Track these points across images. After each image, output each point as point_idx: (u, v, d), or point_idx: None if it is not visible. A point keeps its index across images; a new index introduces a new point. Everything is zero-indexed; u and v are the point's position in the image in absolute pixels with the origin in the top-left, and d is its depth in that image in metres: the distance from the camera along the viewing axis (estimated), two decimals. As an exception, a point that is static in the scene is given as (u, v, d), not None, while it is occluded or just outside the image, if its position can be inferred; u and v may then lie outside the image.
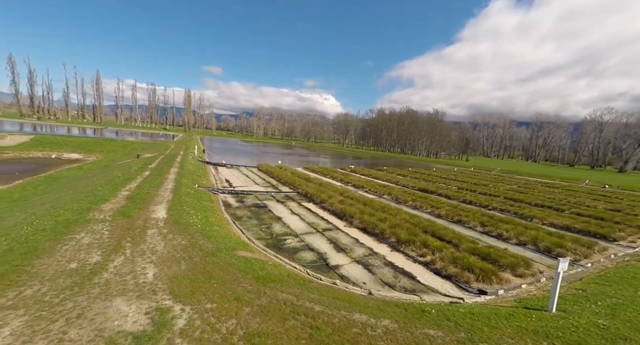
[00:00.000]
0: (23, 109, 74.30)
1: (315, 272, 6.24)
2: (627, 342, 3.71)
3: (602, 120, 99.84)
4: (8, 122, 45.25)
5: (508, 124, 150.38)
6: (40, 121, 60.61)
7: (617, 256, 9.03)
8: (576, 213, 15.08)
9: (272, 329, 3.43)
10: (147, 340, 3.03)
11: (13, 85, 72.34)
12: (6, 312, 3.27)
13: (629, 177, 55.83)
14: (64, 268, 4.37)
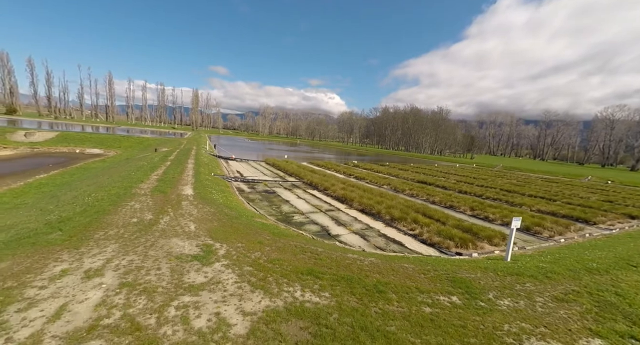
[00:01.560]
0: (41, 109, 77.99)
1: (318, 238, 7.50)
2: (555, 274, 4.85)
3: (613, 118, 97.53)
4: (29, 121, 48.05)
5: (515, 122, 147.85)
6: (57, 120, 63.70)
7: (592, 235, 9.99)
8: (567, 202, 15.89)
9: (286, 258, 4.71)
10: (202, 258, 4.36)
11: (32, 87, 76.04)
12: (103, 241, 4.66)
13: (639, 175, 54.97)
14: (129, 221, 5.77)
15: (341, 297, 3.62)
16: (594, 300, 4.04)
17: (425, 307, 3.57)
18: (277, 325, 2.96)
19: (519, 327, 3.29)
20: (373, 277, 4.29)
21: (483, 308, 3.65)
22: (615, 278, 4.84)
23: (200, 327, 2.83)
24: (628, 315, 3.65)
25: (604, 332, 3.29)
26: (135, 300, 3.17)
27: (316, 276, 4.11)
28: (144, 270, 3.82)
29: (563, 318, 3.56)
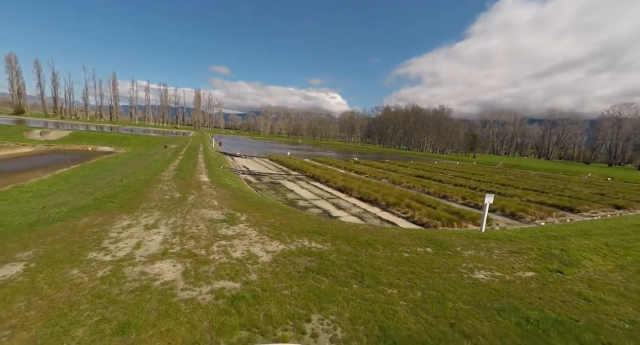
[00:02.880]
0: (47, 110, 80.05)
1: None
2: (517, 239, 5.86)
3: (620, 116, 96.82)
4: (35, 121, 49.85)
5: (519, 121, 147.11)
6: (63, 120, 65.55)
7: (572, 220, 10.91)
8: (557, 194, 16.73)
9: (295, 223, 5.80)
10: (228, 221, 5.46)
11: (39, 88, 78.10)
12: (149, 209, 5.80)
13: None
14: (163, 198, 6.90)
15: (339, 246, 4.69)
16: (541, 253, 5.06)
17: (404, 253, 4.62)
18: (291, 258, 4.05)
19: (474, 265, 4.33)
20: (365, 236, 5.36)
21: (449, 255, 4.70)
22: (567, 242, 5.84)
23: (237, 256, 3.93)
24: (563, 261, 4.67)
25: (539, 268, 4.31)
26: (186, 241, 4.28)
27: (320, 234, 5.19)
28: (187, 226, 4.93)
29: (511, 261, 4.59)
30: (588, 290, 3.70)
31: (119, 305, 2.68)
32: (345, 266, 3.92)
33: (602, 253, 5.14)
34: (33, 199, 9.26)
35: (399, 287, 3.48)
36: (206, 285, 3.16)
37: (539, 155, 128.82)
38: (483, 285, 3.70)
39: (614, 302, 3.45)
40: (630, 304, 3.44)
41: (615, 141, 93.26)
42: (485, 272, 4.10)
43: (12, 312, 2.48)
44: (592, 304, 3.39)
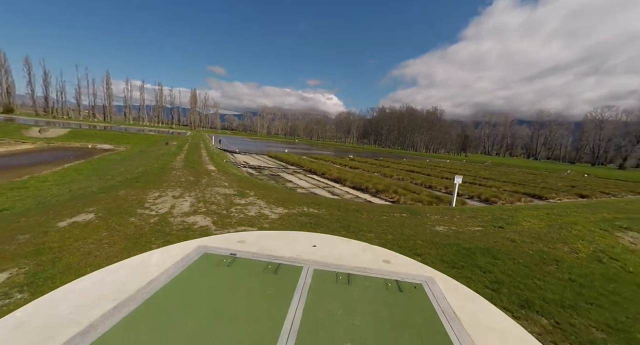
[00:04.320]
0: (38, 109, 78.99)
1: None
2: (478, 210, 7.13)
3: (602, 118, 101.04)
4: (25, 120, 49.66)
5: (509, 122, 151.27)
6: (55, 119, 64.98)
7: (538, 204, 12.33)
8: (532, 186, 18.30)
9: (296, 198, 6.95)
10: (239, 195, 6.56)
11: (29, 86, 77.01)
12: (171, 186, 6.86)
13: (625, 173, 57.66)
14: (180, 180, 7.94)
15: (331, 211, 5.86)
16: (492, 218, 6.33)
17: (383, 216, 5.82)
18: (294, 217, 5.20)
19: (437, 223, 5.56)
20: (354, 206, 6.55)
21: (419, 218, 5.92)
22: (517, 212, 7.14)
23: (251, 215, 5.06)
24: (507, 222, 5.94)
25: (486, 225, 5.57)
26: (210, 206, 5.38)
27: (316, 204, 6.35)
28: (207, 197, 6.02)
29: (466, 222, 5.83)
30: (516, 236, 4.96)
31: (174, 236, 3.77)
32: (336, 221, 5.09)
33: (540, 218, 6.45)
34: (53, 186, 10.12)
35: (376, 232, 4.66)
36: (231, 229, 4.27)
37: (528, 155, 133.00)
38: (440, 234, 4.91)
39: (530, 242, 4.71)
40: (542, 243, 4.70)
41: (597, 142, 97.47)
42: (443, 227, 5.32)
43: (102, 237, 3.56)
44: (515, 242, 4.64)
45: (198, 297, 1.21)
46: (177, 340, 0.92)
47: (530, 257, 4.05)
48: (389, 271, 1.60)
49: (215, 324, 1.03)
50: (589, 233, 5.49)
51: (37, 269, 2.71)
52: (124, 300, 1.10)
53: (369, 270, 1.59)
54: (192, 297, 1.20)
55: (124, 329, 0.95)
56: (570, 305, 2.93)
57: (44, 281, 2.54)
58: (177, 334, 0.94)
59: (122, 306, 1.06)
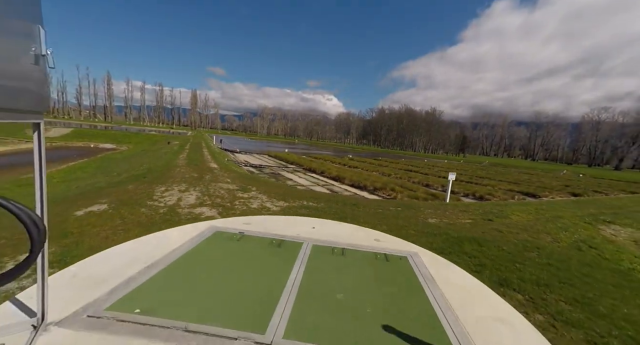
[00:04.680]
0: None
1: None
2: (471, 206, 7.45)
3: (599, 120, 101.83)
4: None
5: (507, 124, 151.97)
6: (56, 119, 65.13)
7: (529, 201, 12.67)
8: (527, 185, 18.66)
9: (296, 193, 7.26)
10: (242, 190, 6.86)
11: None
12: (177, 182, 7.16)
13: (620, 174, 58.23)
14: (184, 176, 8.24)
15: (330, 205, 6.17)
16: (483, 212, 6.65)
17: (378, 210, 6.13)
18: (294, 209, 5.51)
19: (429, 216, 5.87)
20: (351, 201, 6.86)
21: (413, 211, 6.23)
22: (507, 207, 7.47)
23: (254, 207, 5.37)
24: (496, 215, 6.26)
25: (476, 218, 5.89)
26: (214, 199, 5.68)
27: (315, 198, 6.67)
28: (211, 191, 6.33)
29: (458, 215, 6.15)
30: (503, 227, 5.28)
31: (183, 224, 4.06)
32: (334, 213, 5.40)
33: (529, 213, 6.78)
34: (60, 183, 10.40)
35: (371, 223, 4.97)
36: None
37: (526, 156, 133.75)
38: (431, 225, 5.23)
39: (516, 232, 5.03)
40: (527, 234, 5.02)
41: (594, 143, 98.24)
42: (436, 219, 5.64)
43: (116, 224, 3.85)
44: (501, 233, 4.95)
45: (213, 262, 1.53)
46: (197, 293, 1.20)
47: (514, 245, 4.37)
48: (379, 247, 1.92)
49: (228, 282, 1.33)
50: (573, 225, 5.82)
51: (63, 250, 3.01)
52: (153, 263, 1.42)
53: (361, 246, 1.91)
54: (208, 261, 1.52)
55: (154, 283, 1.24)
56: (544, 284, 3.25)
57: (71, 259, 2.83)
58: (197, 288, 1.24)
59: (152, 267, 1.37)
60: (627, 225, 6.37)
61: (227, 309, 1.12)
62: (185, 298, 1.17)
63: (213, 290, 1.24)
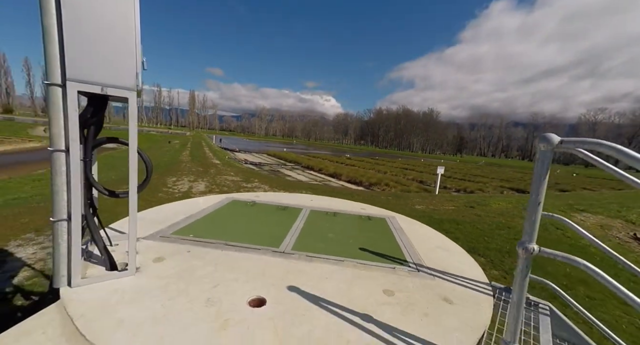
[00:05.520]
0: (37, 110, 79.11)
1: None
2: (457, 196, 8.06)
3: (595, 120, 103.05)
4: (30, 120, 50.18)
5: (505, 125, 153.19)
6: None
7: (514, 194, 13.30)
8: (518, 182, 19.35)
9: (295, 184, 7.83)
10: (245, 181, 7.43)
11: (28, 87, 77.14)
12: (185, 175, 7.71)
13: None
14: (190, 169, 8.80)
15: (327, 195, 6.74)
16: (467, 201, 7.26)
17: (371, 199, 6.72)
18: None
19: (417, 203, 6.47)
20: (346, 191, 7.45)
21: (402, 200, 6.83)
22: (490, 198, 8.08)
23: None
24: (478, 203, 6.87)
25: (460, 206, 6.50)
26: (222, 187, 6.25)
27: (313, 189, 7.26)
28: (218, 182, 6.89)
29: (443, 204, 6.75)
30: (482, 213, 5.88)
31: (196, 205, 4.64)
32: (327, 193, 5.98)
33: (509, 202, 7.40)
34: (70, 177, 10.92)
35: (362, 208, 5.56)
36: (243, 203, 5.15)
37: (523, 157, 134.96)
38: (417, 210, 5.82)
39: (493, 216, 5.64)
40: (502, 217, 5.63)
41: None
42: (422, 206, 6.24)
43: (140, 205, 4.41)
44: (479, 216, 5.56)
45: (234, 216, 2.22)
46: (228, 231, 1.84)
47: (487, 225, 4.97)
48: (364, 212, 2.57)
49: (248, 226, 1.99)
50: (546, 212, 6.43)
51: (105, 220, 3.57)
52: (192, 215, 2.12)
53: (349, 211, 2.57)
54: (230, 215, 2.23)
55: (196, 224, 1.90)
56: (506, 251, 3.85)
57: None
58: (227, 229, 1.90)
59: (191, 217, 2.08)
60: (598, 213, 7.00)
61: (251, 238, 1.75)
62: (221, 232, 1.82)
63: (238, 230, 1.92)
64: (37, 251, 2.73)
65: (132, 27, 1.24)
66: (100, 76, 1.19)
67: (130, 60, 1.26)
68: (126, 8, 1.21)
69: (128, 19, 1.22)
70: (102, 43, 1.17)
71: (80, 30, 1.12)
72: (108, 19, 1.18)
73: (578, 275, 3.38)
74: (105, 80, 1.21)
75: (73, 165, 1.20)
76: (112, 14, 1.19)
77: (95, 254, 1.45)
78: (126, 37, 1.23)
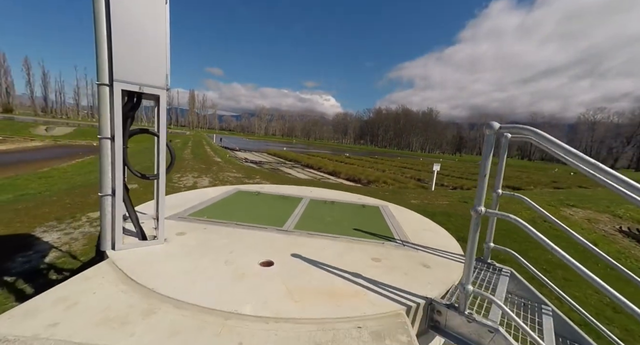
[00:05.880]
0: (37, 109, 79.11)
1: (314, 188, 10.91)
2: (452, 192, 8.33)
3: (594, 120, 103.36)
4: (30, 120, 50.36)
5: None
6: (54, 119, 65.48)
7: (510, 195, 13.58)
8: (515, 180, 19.65)
9: (295, 181, 8.09)
10: (247, 177, 7.69)
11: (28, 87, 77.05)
12: (189, 172, 7.98)
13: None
14: (194, 167, 9.06)
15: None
16: (461, 196, 7.53)
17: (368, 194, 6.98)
18: (294, 192, 6.35)
19: (413, 198, 6.74)
20: (344, 187, 7.71)
21: (398, 195, 7.10)
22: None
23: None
24: (471, 199, 7.13)
25: (453, 201, 6.78)
26: (224, 183, 6.51)
27: (313, 184, 7.51)
28: (221, 178, 7.15)
29: (438, 198, 7.02)
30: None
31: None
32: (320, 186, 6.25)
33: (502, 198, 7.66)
34: (76, 175, 11.13)
35: (360, 202, 5.83)
36: (246, 197, 5.42)
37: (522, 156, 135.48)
38: (412, 204, 6.09)
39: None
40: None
41: (590, 143, 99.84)
42: (417, 201, 6.51)
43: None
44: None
45: (241, 203, 2.54)
46: (237, 214, 2.12)
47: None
48: (359, 202, 2.87)
49: (254, 210, 2.27)
50: (537, 206, 6.71)
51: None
52: (203, 201, 2.44)
53: (346, 201, 2.88)
54: (238, 202, 2.56)
55: (209, 208, 2.21)
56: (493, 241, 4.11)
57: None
58: (236, 213, 2.17)
59: (203, 203, 2.39)
60: (587, 208, 7.29)
61: (257, 220, 2.05)
62: (230, 215, 2.12)
63: (246, 214, 2.24)
64: (61, 236, 2.99)
65: (164, 37, 1.51)
66: (138, 77, 1.46)
67: (162, 64, 1.53)
68: (159, 22, 1.48)
69: (160, 31, 1.49)
70: (140, 50, 1.44)
71: (124, 40, 1.39)
72: (145, 32, 1.45)
73: (557, 261, 3.65)
74: (142, 80, 1.48)
75: (117, 150, 1.48)
76: (148, 27, 1.46)
77: (126, 229, 1.72)
78: (159, 46, 1.50)
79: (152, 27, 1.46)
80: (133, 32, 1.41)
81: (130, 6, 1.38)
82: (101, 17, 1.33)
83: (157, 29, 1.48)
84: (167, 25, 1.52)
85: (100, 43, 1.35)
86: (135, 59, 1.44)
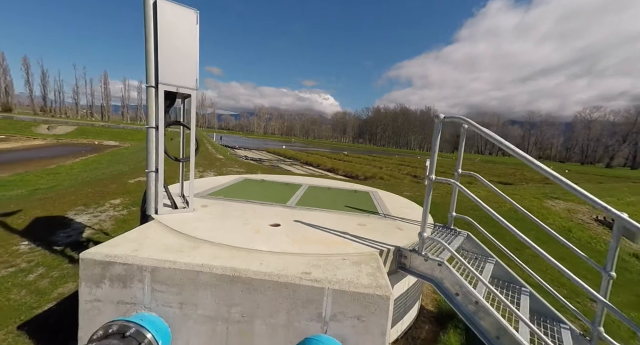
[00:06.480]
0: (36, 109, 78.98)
1: (313, 184, 11.34)
2: (446, 184, 8.79)
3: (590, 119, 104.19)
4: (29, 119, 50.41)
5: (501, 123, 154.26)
6: (54, 119, 65.46)
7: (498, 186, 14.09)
8: (508, 176, 20.17)
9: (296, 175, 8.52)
10: (249, 172, 8.10)
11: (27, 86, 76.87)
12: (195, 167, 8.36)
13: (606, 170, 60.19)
14: (197, 163, 9.43)
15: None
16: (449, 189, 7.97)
17: (364, 187, 7.42)
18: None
19: (405, 191, 7.18)
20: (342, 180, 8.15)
21: (392, 187, 7.53)
22: (474, 187, 8.79)
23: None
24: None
25: (442, 192, 7.21)
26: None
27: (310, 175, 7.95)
28: (224, 173, 7.56)
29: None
30: (464, 198, 6.60)
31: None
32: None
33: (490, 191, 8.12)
34: (83, 172, 11.50)
35: (355, 194, 6.26)
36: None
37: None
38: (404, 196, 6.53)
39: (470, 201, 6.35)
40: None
41: (586, 142, 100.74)
42: (409, 193, 6.95)
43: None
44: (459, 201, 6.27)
45: (248, 187, 3.01)
46: (246, 196, 2.55)
47: (463, 207, 5.69)
48: (352, 188, 3.33)
49: (260, 192, 2.74)
50: (521, 199, 7.18)
51: (134, 198, 4.25)
52: (215, 186, 2.85)
53: (341, 188, 3.33)
54: (245, 187, 3.03)
55: (222, 191, 2.68)
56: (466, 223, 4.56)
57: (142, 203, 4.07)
58: (245, 195, 2.59)
59: (215, 187, 2.82)
60: (569, 201, 7.75)
61: (264, 199, 2.50)
62: (241, 196, 2.61)
63: (254, 195, 2.68)
64: (90, 218, 3.41)
65: (195, 49, 1.94)
66: (176, 80, 1.89)
67: (193, 70, 1.96)
68: (192, 39, 1.91)
69: (193, 45, 1.92)
70: (178, 60, 1.87)
71: (167, 51, 1.81)
72: (182, 46, 1.87)
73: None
74: (179, 83, 1.90)
75: (160, 137, 1.91)
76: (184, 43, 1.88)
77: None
78: (192, 57, 1.93)
79: (186, 43, 1.89)
80: (173, 47, 1.84)
81: (172, 27, 1.81)
82: (150, 35, 1.75)
83: (191, 44, 1.91)
84: (197, 41, 1.94)
85: (149, 55, 1.78)
86: (174, 67, 1.86)
